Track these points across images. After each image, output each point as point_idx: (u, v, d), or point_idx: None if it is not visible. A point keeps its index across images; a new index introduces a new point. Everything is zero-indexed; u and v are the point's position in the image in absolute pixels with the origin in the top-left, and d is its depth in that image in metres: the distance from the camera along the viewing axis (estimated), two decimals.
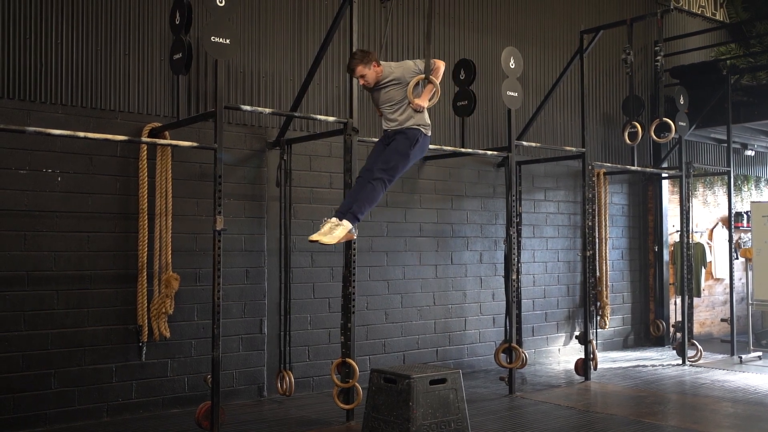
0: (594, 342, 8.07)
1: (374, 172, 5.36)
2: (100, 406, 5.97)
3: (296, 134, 7.02)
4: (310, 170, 7.23)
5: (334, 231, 5.16)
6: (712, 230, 11.57)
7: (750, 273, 9.61)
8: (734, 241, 10.31)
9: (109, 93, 6.14)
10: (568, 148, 8.44)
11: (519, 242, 8.60)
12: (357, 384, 5.86)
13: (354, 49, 5.98)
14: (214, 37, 5.36)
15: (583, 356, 7.95)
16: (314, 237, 5.20)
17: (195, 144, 5.73)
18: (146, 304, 6.11)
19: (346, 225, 5.21)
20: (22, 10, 5.73)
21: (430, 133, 5.63)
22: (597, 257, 9.14)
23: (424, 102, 5.51)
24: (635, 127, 8.36)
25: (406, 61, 5.64)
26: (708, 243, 11.26)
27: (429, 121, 5.62)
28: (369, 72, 5.47)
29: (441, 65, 5.55)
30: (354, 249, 5.96)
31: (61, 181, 5.88)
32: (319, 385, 7.15)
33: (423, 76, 5.48)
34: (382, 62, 5.58)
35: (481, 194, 8.63)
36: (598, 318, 9.22)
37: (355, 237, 5.40)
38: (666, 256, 10.51)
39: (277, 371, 6.78)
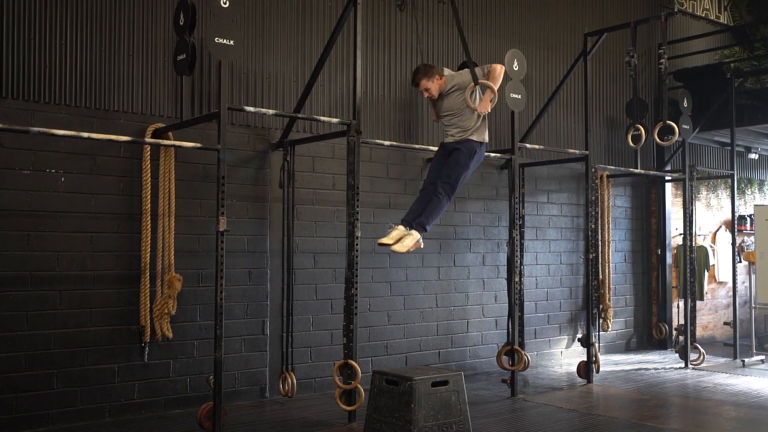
0: (596, 345, 8.06)
1: (438, 186, 5.58)
2: (102, 407, 5.98)
3: (299, 135, 7.02)
4: (313, 172, 7.23)
5: (404, 240, 5.37)
6: (715, 233, 11.56)
7: (753, 276, 9.59)
8: (737, 245, 10.28)
9: (113, 94, 6.15)
10: (572, 150, 8.44)
11: (522, 244, 8.60)
12: (359, 385, 5.86)
13: (357, 51, 6.03)
14: (218, 38, 5.36)
15: (585, 359, 7.94)
16: (385, 241, 5.39)
17: (198, 145, 5.74)
18: (149, 305, 6.11)
19: (415, 235, 5.40)
20: (27, 10, 5.75)
21: (486, 139, 5.80)
22: (600, 260, 9.14)
23: (485, 107, 5.68)
24: (639, 129, 8.35)
25: (464, 70, 5.71)
26: (711, 246, 11.24)
27: (486, 132, 5.80)
28: (432, 85, 5.67)
29: (499, 70, 5.66)
30: (357, 250, 5.96)
31: (65, 182, 5.89)
32: (321, 387, 7.15)
33: (473, 84, 5.62)
34: (445, 71, 5.77)
35: (484, 196, 8.63)
36: (601, 321, 9.21)
37: (422, 246, 5.49)
38: (669, 259, 10.50)
39: (279, 372, 6.78)
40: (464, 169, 5.77)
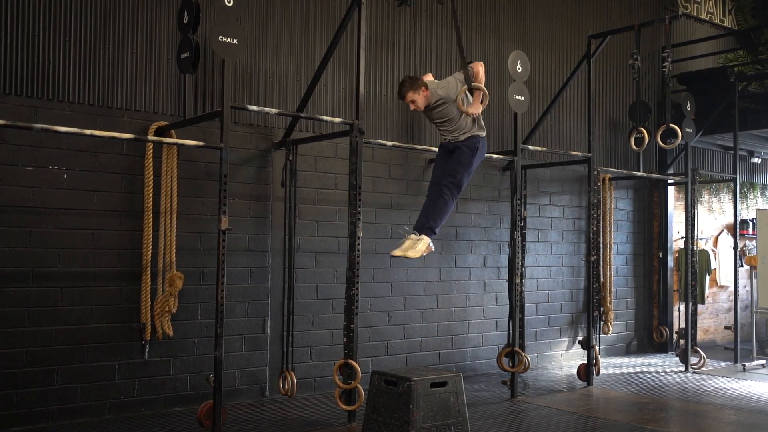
0: (597, 347, 8.06)
1: (442, 187, 5.68)
2: (102, 404, 5.99)
3: (302, 135, 7.03)
4: (316, 171, 7.24)
5: (416, 245, 5.52)
6: (717, 237, 11.54)
7: (754, 281, 9.58)
8: (739, 249, 10.27)
9: (116, 91, 6.16)
10: (574, 152, 8.43)
11: (523, 246, 8.59)
12: (359, 385, 5.86)
13: (361, 52, 6.04)
14: (222, 36, 5.37)
15: (585, 361, 7.94)
16: (398, 252, 5.60)
17: (201, 143, 5.74)
18: (150, 303, 6.12)
19: (425, 239, 5.55)
20: (30, 7, 5.76)
21: (484, 134, 5.95)
22: (601, 262, 9.13)
23: (477, 109, 5.86)
24: (641, 132, 8.35)
25: (448, 79, 5.92)
26: (713, 250, 11.23)
27: (483, 125, 5.95)
28: (418, 97, 5.78)
29: (480, 69, 5.81)
30: (358, 250, 5.96)
31: (67, 179, 5.90)
32: (321, 386, 7.15)
33: (466, 87, 5.79)
34: (429, 82, 5.88)
35: (486, 198, 8.62)
36: (602, 323, 9.20)
37: (433, 249, 5.67)
38: (670, 263, 10.49)
39: (279, 371, 6.79)
40: (468, 167, 5.86)
